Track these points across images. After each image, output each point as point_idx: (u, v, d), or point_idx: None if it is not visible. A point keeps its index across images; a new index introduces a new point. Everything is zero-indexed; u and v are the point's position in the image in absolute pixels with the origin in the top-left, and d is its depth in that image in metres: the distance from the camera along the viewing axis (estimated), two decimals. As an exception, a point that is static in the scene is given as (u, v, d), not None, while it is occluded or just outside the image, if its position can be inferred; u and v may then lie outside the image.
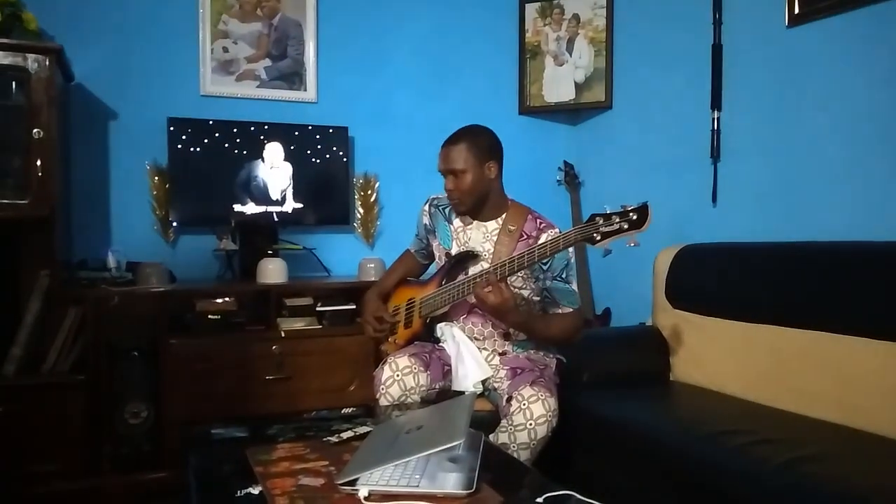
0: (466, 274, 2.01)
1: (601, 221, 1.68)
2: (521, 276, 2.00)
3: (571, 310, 2.02)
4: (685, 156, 2.90)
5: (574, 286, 2.03)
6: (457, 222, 2.13)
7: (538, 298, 2.05)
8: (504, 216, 2.06)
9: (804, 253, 2.08)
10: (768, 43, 2.53)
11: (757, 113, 2.59)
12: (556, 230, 2.00)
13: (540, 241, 1.93)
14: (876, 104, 2.17)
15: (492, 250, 2.03)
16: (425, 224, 2.23)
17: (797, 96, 2.44)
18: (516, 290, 2.02)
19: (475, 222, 2.08)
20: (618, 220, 1.67)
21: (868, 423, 1.76)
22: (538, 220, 2.04)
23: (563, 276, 1.99)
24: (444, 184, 2.03)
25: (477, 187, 1.98)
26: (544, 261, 1.90)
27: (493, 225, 2.06)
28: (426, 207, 2.22)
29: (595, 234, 1.68)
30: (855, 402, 1.81)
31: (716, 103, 2.73)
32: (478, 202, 2.02)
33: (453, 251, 2.10)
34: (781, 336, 2.04)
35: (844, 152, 2.27)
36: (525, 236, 2.00)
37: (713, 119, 2.74)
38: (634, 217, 1.65)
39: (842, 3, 2.24)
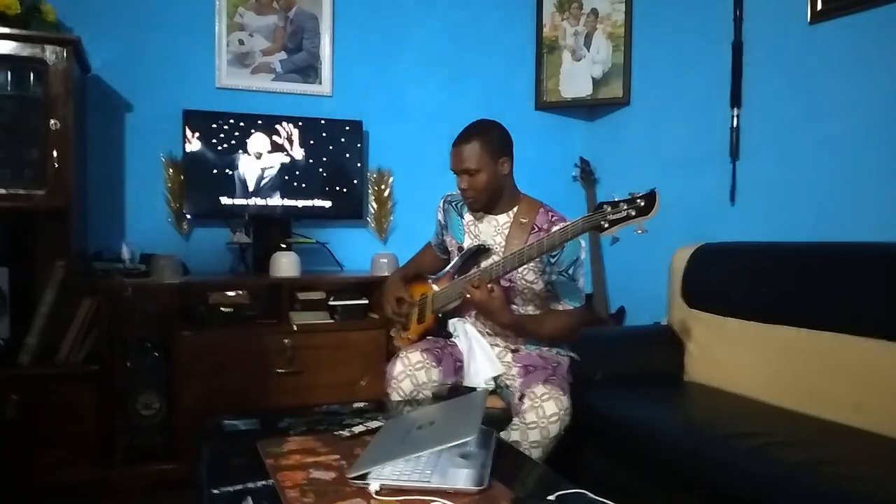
0: (479, 268, 2.00)
1: (609, 209, 1.67)
2: (533, 270, 1.99)
3: (572, 307, 2.01)
4: (703, 154, 2.87)
5: (581, 283, 2.01)
6: (468, 216, 2.13)
7: (547, 293, 2.04)
8: (515, 209, 2.05)
9: (822, 253, 2.05)
10: (790, 40, 2.49)
11: (777, 111, 2.55)
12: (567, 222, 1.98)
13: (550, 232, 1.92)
14: (900, 102, 2.13)
15: (503, 243, 2.01)
16: (440, 221, 2.23)
17: (818, 95, 2.40)
18: (527, 283, 2.01)
19: (486, 216, 2.08)
20: (625, 207, 1.66)
21: (884, 426, 1.73)
22: (550, 213, 2.03)
23: (570, 271, 1.97)
24: (456, 182, 2.02)
25: (491, 185, 1.97)
26: (553, 254, 1.89)
27: (504, 218, 2.05)
28: (441, 204, 2.23)
29: (602, 222, 1.67)
30: (871, 405, 1.78)
31: (735, 101, 2.70)
32: (492, 199, 2.02)
33: (465, 245, 2.10)
34: (797, 337, 2.01)
35: (866, 152, 2.23)
36: (537, 229, 1.99)
37: (733, 117, 2.70)
38: (642, 204, 1.64)
39: (864, 0, 2.20)
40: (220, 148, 2.85)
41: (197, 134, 2.82)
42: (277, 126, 2.94)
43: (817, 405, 1.91)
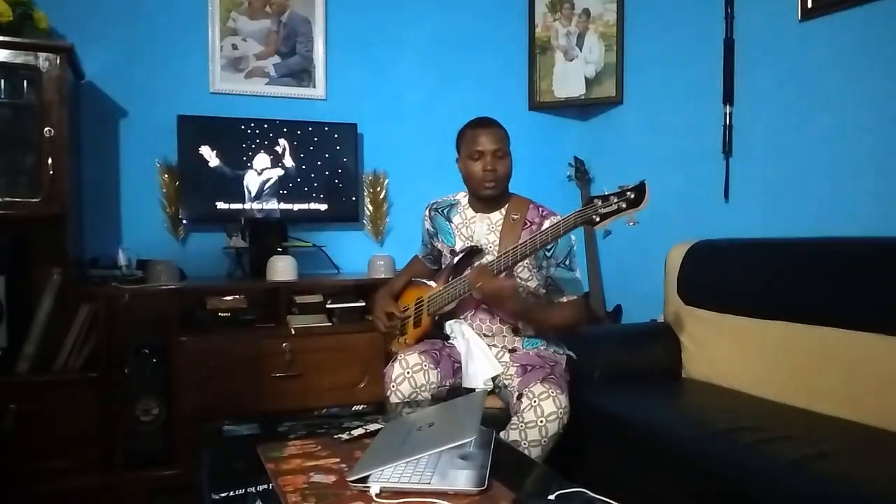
0: (472, 268, 2.01)
1: (600, 203, 1.70)
2: (527, 268, 2.01)
3: (575, 298, 2.03)
4: (697, 151, 2.88)
5: (578, 274, 2.04)
6: (457, 219, 2.14)
7: (545, 290, 2.05)
8: (507, 206, 2.07)
9: (817, 249, 2.06)
10: (781, 37, 2.50)
11: (769, 108, 2.57)
12: (558, 217, 1.99)
13: (542, 228, 1.93)
14: (891, 99, 2.14)
15: (497, 241, 2.03)
16: (428, 229, 2.24)
17: (810, 91, 2.41)
18: (522, 281, 2.02)
19: (478, 214, 2.09)
20: (616, 200, 1.69)
21: (881, 420, 1.74)
22: (540, 209, 2.06)
23: (567, 263, 2.00)
24: (472, 167, 2.00)
25: (510, 173, 2.03)
26: (548, 248, 1.92)
27: (496, 216, 2.07)
28: (427, 213, 2.24)
29: (594, 216, 1.70)
30: (868, 399, 1.79)
31: (728, 98, 2.71)
32: (504, 190, 2.05)
33: (457, 247, 2.11)
34: (794, 332, 2.02)
35: (858, 148, 2.25)
36: (528, 224, 2.01)
37: (725, 114, 2.71)
38: (632, 196, 1.67)
39: (854, -3, 2.22)
40: (214, 153, 2.85)
41: (192, 139, 2.82)
42: (272, 130, 2.95)
43: (813, 400, 1.92)
